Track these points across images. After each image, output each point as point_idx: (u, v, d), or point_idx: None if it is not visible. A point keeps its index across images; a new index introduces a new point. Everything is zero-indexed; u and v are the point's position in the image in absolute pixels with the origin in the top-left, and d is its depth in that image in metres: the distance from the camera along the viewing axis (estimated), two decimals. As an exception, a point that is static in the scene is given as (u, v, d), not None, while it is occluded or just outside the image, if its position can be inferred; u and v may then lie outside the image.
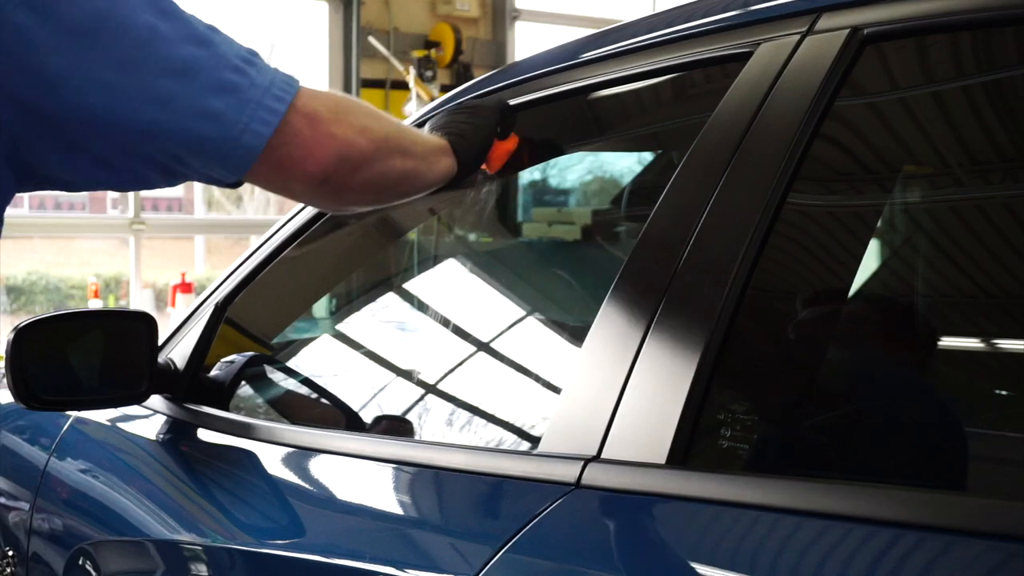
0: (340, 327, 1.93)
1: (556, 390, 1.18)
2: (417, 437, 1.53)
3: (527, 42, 8.53)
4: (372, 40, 7.68)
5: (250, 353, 1.79)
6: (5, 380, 1.63)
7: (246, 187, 1.39)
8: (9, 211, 1.24)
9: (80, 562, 1.67)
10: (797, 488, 0.97)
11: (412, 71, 7.64)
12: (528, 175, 2.57)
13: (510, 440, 1.46)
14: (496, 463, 1.20)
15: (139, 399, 1.68)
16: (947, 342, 1.18)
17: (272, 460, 1.48)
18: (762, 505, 0.96)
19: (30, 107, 1.10)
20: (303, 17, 8.05)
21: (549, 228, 2.68)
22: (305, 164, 1.18)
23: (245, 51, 1.19)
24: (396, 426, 1.59)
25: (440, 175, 1.36)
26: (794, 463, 1.11)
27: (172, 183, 1.24)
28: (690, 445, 1.04)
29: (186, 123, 1.12)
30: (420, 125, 1.63)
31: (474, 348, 1.68)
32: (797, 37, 1.16)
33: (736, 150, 1.14)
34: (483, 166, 1.46)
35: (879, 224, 1.27)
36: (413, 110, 7.37)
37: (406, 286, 1.96)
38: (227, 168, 1.16)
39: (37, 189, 1.24)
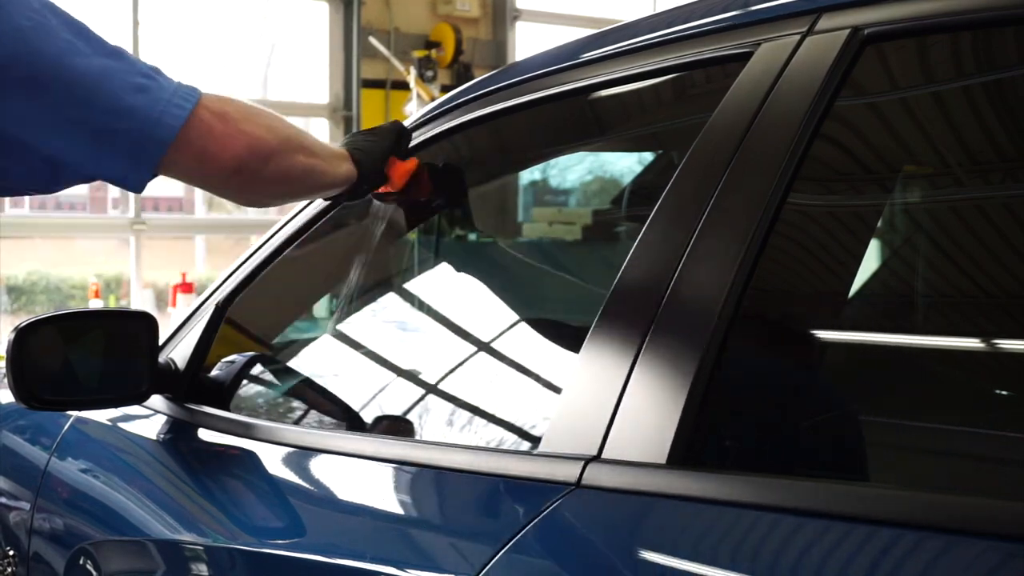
0: (340, 327, 1.93)
1: (557, 390, 1.18)
2: (417, 437, 1.53)
3: (527, 42, 8.54)
4: (372, 40, 7.68)
5: (250, 353, 1.79)
6: (5, 380, 1.63)
7: None
8: (9, 211, 1.32)
9: (81, 562, 1.67)
10: (797, 488, 0.97)
11: (413, 71, 7.64)
12: (529, 174, 2.57)
13: (511, 440, 1.46)
14: (497, 463, 1.20)
15: (139, 399, 1.68)
16: (947, 342, 1.18)
17: (272, 460, 1.48)
18: (762, 505, 0.96)
19: None
20: (303, 17, 8.05)
21: (549, 228, 2.68)
22: (221, 155, 1.34)
23: (150, 66, 1.35)
24: (396, 426, 1.59)
25: (343, 176, 1.50)
26: (794, 463, 1.11)
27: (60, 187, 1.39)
28: (691, 445, 1.04)
29: (106, 119, 1.28)
30: (422, 124, 1.63)
31: (474, 348, 1.68)
32: (797, 37, 1.16)
33: (736, 150, 1.14)
34: (388, 185, 1.59)
35: (879, 224, 1.27)
36: (414, 110, 7.38)
37: (406, 286, 1.96)
38: (143, 159, 1.31)
39: None
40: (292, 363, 1.86)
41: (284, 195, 1.49)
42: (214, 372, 1.75)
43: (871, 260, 1.22)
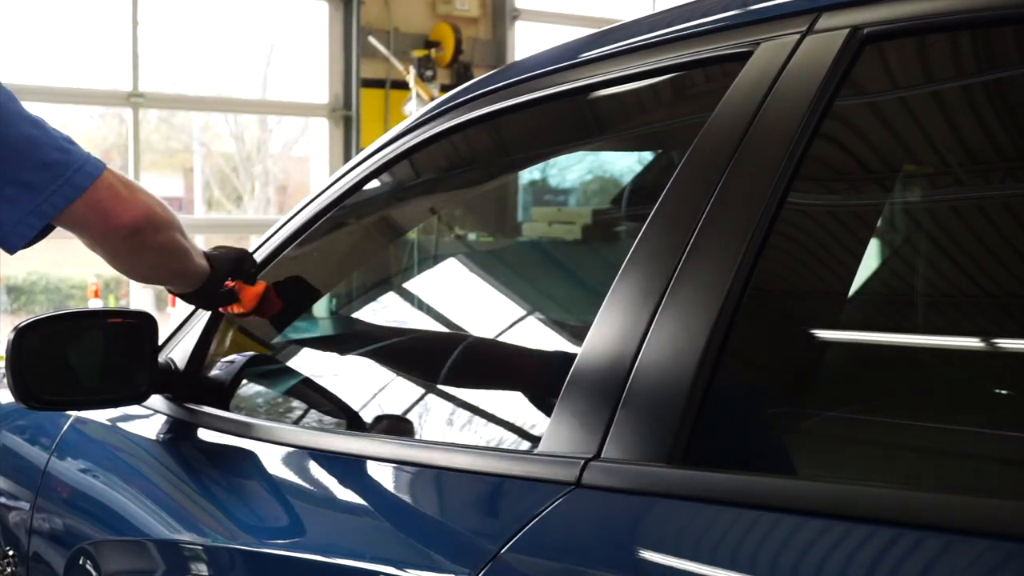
0: (340, 327, 1.93)
1: (556, 390, 1.18)
2: (417, 437, 1.53)
3: (527, 42, 8.54)
4: (372, 40, 7.68)
5: (250, 353, 1.79)
6: (5, 380, 1.63)
7: (247, 187, 1.48)
8: None
9: (80, 562, 1.67)
10: (797, 487, 0.97)
11: (412, 71, 7.64)
12: (529, 174, 2.57)
13: (510, 440, 1.46)
14: (496, 463, 1.20)
15: (139, 399, 1.68)
16: (947, 341, 1.18)
17: (272, 460, 1.48)
18: (762, 504, 0.96)
19: None
20: (303, 17, 8.05)
21: (549, 228, 2.68)
22: (122, 215, 1.52)
23: (66, 136, 1.53)
24: (396, 426, 1.59)
25: (202, 270, 1.66)
26: (794, 462, 1.11)
27: None
28: (690, 444, 1.04)
29: (26, 175, 1.48)
30: (422, 124, 1.63)
31: (474, 347, 1.68)
32: (797, 37, 1.16)
33: (736, 150, 1.14)
34: (239, 306, 1.72)
35: (879, 224, 1.27)
36: (413, 109, 7.38)
37: (406, 286, 1.96)
38: (52, 202, 1.48)
39: None
40: (292, 363, 1.86)
41: (156, 271, 1.65)
42: (214, 372, 1.75)
43: (871, 260, 1.22)
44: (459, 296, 1.82)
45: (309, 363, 1.84)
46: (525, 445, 1.40)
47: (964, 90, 1.17)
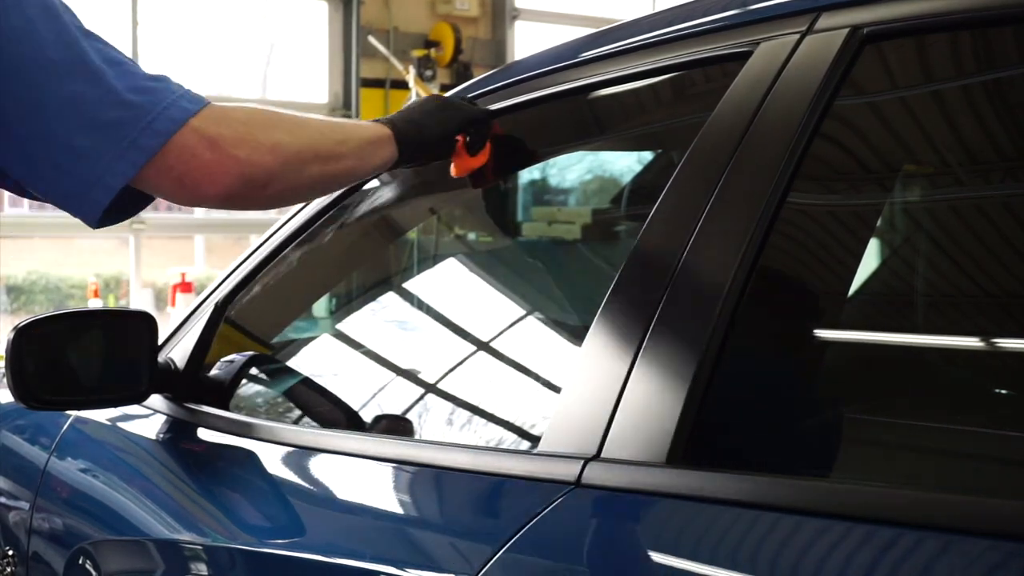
0: (340, 327, 1.93)
1: (556, 389, 1.18)
2: (417, 436, 1.53)
3: (527, 41, 8.53)
4: (372, 40, 7.68)
5: (250, 353, 1.79)
6: (5, 380, 1.63)
7: None
8: (8, 210, 1.27)
9: (80, 562, 1.67)
10: (797, 487, 0.97)
11: (412, 70, 7.64)
12: (528, 174, 2.57)
13: (510, 439, 1.46)
14: (496, 462, 1.20)
15: (139, 399, 1.68)
16: (947, 341, 1.18)
17: (272, 460, 1.48)
18: (762, 504, 0.96)
19: None
20: (303, 16, 8.05)
21: (549, 228, 2.68)
22: (205, 186, 1.25)
23: (148, 77, 1.27)
24: (396, 425, 1.59)
25: (375, 165, 1.43)
26: (794, 462, 1.11)
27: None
28: (690, 443, 1.04)
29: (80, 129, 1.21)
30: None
31: (474, 347, 1.68)
32: (797, 36, 1.16)
33: (736, 150, 1.14)
34: (452, 171, 1.52)
35: (879, 224, 1.27)
36: (413, 109, 7.36)
37: (406, 285, 1.96)
38: (114, 173, 1.22)
39: None
40: (292, 363, 1.86)
41: (294, 202, 1.45)
42: (214, 372, 1.75)
43: (871, 259, 1.22)
44: (459, 296, 1.83)
45: (309, 363, 1.84)
46: (525, 444, 1.40)
47: (964, 90, 1.17)
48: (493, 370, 1.62)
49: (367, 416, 1.67)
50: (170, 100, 1.25)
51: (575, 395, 1.15)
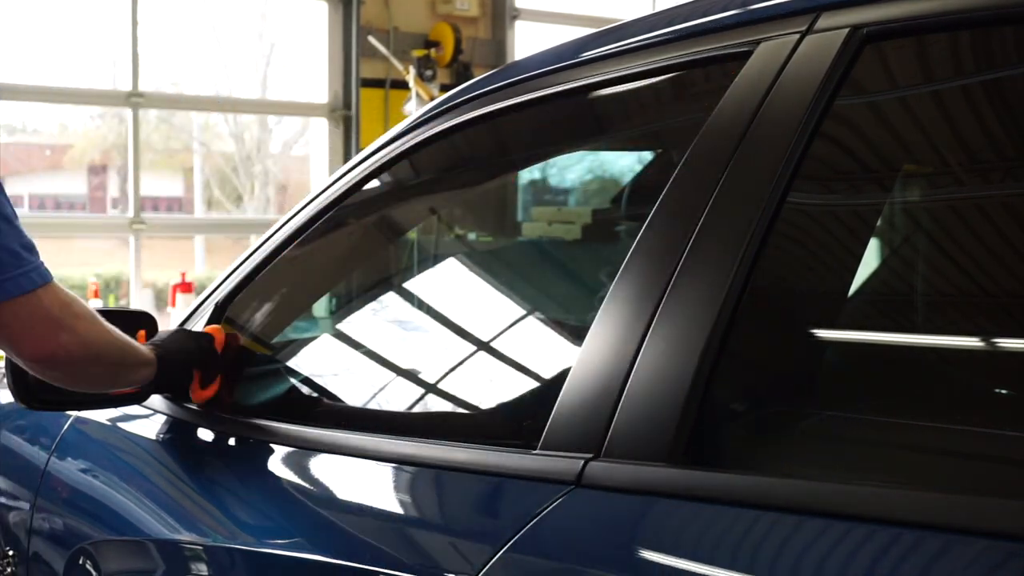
0: (340, 326, 1.93)
1: (557, 388, 1.18)
2: (417, 435, 1.53)
3: (527, 41, 8.53)
4: (372, 40, 7.67)
5: (250, 353, 1.79)
6: (5, 380, 1.62)
7: (247, 186, 1.43)
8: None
9: (80, 562, 1.67)
10: (798, 487, 0.97)
11: (412, 71, 7.64)
12: (528, 173, 2.57)
13: (511, 438, 1.46)
14: (497, 461, 1.20)
15: (139, 398, 1.68)
16: (947, 341, 1.18)
17: (272, 459, 1.48)
18: (763, 503, 0.96)
19: None
20: (302, 16, 8.05)
21: (549, 227, 2.68)
22: (22, 348, 1.43)
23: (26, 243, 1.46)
24: (397, 424, 1.59)
25: (137, 380, 1.60)
26: (794, 462, 1.11)
27: None
28: (691, 443, 1.04)
29: None
30: (422, 123, 1.63)
31: (474, 346, 1.68)
32: (797, 36, 1.16)
33: (736, 149, 1.14)
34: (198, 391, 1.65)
35: (879, 223, 1.27)
36: (413, 109, 7.38)
37: (406, 285, 1.96)
38: None
39: None
40: (292, 362, 1.86)
41: (78, 388, 1.58)
42: (214, 372, 1.74)
43: (871, 260, 1.22)
44: (459, 296, 1.82)
45: (310, 363, 1.83)
46: (526, 444, 1.40)
47: (964, 90, 1.17)
48: (494, 369, 1.62)
49: (367, 415, 1.67)
50: (36, 264, 1.44)
51: (576, 394, 1.15)
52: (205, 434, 1.63)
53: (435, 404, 1.60)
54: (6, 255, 1.41)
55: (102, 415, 1.83)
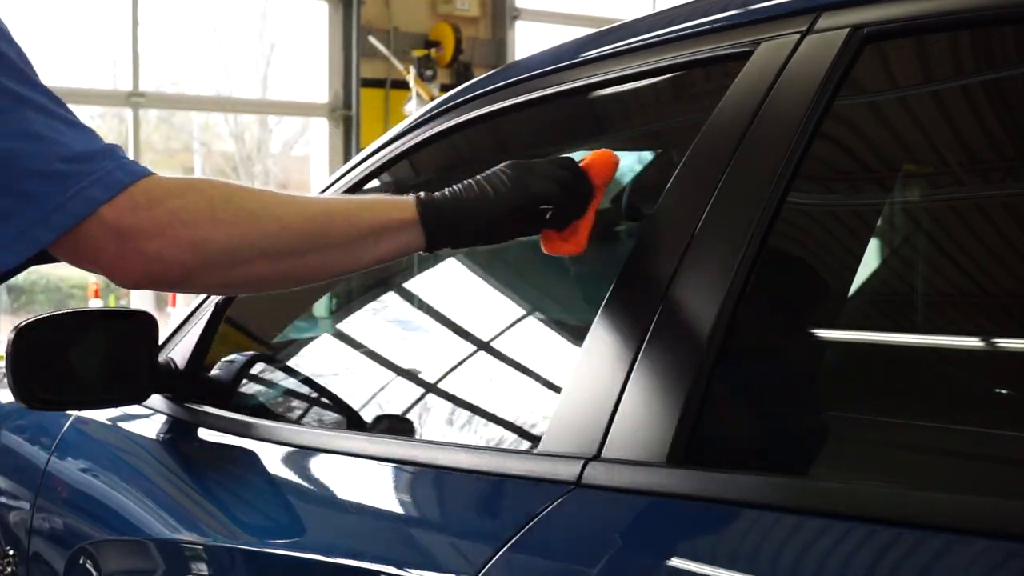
0: (340, 326, 1.93)
1: (557, 389, 1.18)
2: (417, 436, 1.53)
3: (527, 42, 8.54)
4: (372, 40, 7.68)
5: (250, 352, 1.79)
6: (5, 380, 1.63)
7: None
8: None
9: (81, 561, 1.67)
10: (798, 487, 0.97)
11: (412, 70, 7.64)
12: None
13: (510, 439, 1.46)
14: (496, 462, 1.20)
15: (139, 398, 1.68)
16: (947, 341, 1.18)
17: (272, 460, 1.48)
18: (763, 504, 0.96)
19: None
20: (303, 16, 8.06)
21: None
22: (116, 274, 1.16)
23: (90, 140, 1.14)
24: (396, 425, 1.59)
25: (378, 257, 1.25)
26: (794, 462, 1.11)
27: None
28: (691, 443, 1.04)
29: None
30: (421, 124, 1.63)
31: (474, 347, 1.68)
32: (797, 36, 1.16)
33: (736, 149, 1.14)
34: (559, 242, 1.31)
35: (879, 223, 1.27)
36: (413, 109, 7.38)
37: (406, 285, 1.96)
38: (14, 251, 1.12)
39: None
40: (292, 362, 1.86)
41: (261, 290, 1.30)
42: (214, 371, 1.75)
43: (870, 260, 1.22)
44: (459, 295, 1.82)
45: (309, 363, 1.84)
46: (525, 444, 1.40)
47: (964, 90, 1.17)
48: (493, 370, 1.62)
49: (367, 416, 1.67)
50: (94, 178, 1.12)
51: (575, 395, 1.15)
52: (205, 434, 1.63)
53: (435, 405, 1.60)
54: (38, 182, 1.09)
55: (102, 415, 1.83)
